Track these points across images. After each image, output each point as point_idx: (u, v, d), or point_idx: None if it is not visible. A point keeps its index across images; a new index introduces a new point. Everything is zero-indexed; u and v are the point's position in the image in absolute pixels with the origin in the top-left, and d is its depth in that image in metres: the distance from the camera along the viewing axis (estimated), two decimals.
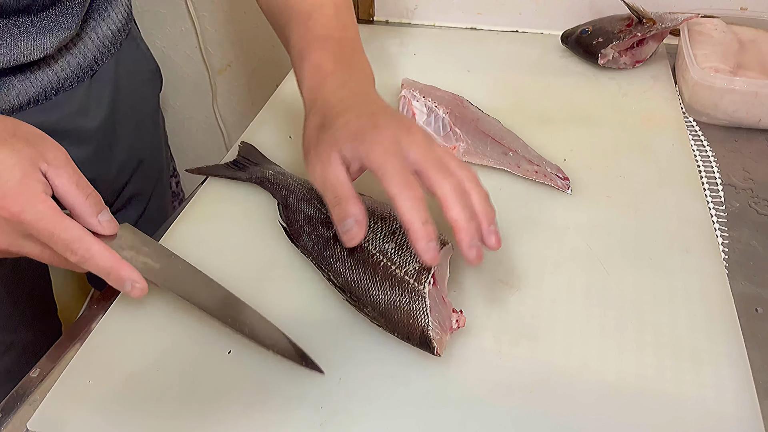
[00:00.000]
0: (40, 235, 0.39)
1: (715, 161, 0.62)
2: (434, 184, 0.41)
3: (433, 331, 0.41)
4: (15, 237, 0.40)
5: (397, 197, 0.40)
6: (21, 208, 0.38)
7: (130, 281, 0.42)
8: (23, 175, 0.39)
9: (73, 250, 0.39)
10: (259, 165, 0.61)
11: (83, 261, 0.40)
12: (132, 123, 0.71)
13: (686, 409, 0.39)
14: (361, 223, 0.42)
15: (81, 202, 0.41)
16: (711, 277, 0.48)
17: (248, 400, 0.41)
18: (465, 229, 0.40)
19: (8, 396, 0.44)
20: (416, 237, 0.39)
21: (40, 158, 0.40)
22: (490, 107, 0.69)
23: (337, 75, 0.49)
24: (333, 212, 0.43)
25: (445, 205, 0.40)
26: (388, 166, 0.41)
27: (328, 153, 0.43)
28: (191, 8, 1.13)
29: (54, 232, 0.39)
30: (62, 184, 0.41)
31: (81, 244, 0.40)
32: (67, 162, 0.41)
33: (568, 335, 0.44)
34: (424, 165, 0.41)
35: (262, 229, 0.54)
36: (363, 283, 0.44)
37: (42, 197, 0.39)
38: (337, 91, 0.48)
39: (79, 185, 0.41)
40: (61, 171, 0.41)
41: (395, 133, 0.42)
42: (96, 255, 0.40)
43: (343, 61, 0.50)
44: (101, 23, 0.61)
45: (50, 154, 0.41)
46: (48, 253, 0.41)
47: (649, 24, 0.75)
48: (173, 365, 0.44)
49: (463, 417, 0.40)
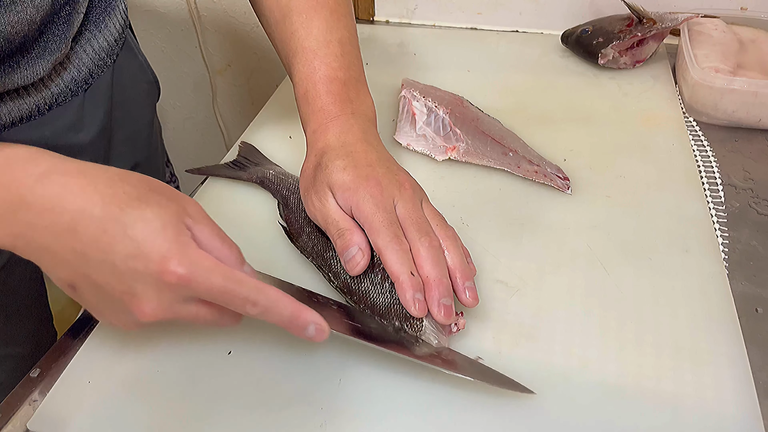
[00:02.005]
0: (213, 295, 0.36)
1: (715, 161, 0.62)
2: (412, 241, 0.43)
3: (432, 334, 0.41)
4: (172, 302, 0.36)
5: (384, 250, 0.42)
6: (189, 269, 0.34)
7: (313, 324, 0.38)
8: (177, 233, 0.35)
9: (255, 302, 0.36)
10: (259, 165, 0.61)
11: (264, 312, 0.37)
12: (127, 135, 0.68)
13: (686, 409, 0.39)
14: (365, 251, 0.44)
15: (227, 255, 0.38)
16: (711, 277, 0.48)
17: (248, 400, 0.41)
18: (435, 287, 0.41)
19: (8, 396, 0.44)
20: (403, 288, 0.41)
21: (184, 213, 0.37)
22: (490, 107, 0.69)
23: (341, 120, 0.50)
24: (337, 243, 0.45)
25: (418, 263, 0.42)
26: (377, 219, 0.43)
27: (326, 191, 0.46)
28: (191, 8, 1.13)
29: (231, 288, 0.35)
30: (206, 238, 0.37)
31: (261, 295, 0.36)
32: (205, 215, 0.39)
33: (568, 335, 0.44)
34: (407, 222, 0.44)
35: (262, 230, 0.54)
36: (362, 284, 0.44)
37: (204, 254, 0.36)
38: (340, 136, 0.49)
39: (222, 238, 0.39)
40: (203, 226, 0.38)
41: (387, 188, 0.45)
42: (278, 303, 0.37)
43: (347, 105, 0.51)
44: (97, 35, 0.58)
45: (190, 208, 0.38)
46: (206, 312, 0.38)
47: (649, 24, 0.75)
48: (173, 365, 0.44)
49: (463, 417, 0.40)
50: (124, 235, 0.34)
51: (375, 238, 0.43)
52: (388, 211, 0.44)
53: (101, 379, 0.43)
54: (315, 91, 0.51)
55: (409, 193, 0.46)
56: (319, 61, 0.51)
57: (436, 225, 0.45)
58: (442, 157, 0.62)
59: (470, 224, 0.54)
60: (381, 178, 0.45)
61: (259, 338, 0.45)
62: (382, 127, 0.67)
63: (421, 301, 0.41)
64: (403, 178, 0.47)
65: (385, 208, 0.44)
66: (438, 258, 0.43)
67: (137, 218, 0.34)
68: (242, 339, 0.45)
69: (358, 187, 0.45)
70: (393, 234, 0.42)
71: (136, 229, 0.34)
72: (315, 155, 0.49)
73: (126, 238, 0.34)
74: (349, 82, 0.52)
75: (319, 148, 0.49)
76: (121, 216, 0.34)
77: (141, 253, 0.34)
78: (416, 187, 0.48)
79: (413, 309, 0.41)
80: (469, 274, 0.43)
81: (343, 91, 0.51)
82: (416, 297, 0.41)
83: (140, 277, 0.34)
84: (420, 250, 0.42)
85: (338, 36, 0.53)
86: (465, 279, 0.43)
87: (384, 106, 0.71)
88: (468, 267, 0.44)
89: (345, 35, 0.54)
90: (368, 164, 0.46)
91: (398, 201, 0.45)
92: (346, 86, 0.52)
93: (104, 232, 0.34)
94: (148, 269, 0.34)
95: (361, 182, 0.45)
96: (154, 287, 0.35)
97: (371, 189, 0.44)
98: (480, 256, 0.50)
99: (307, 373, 0.42)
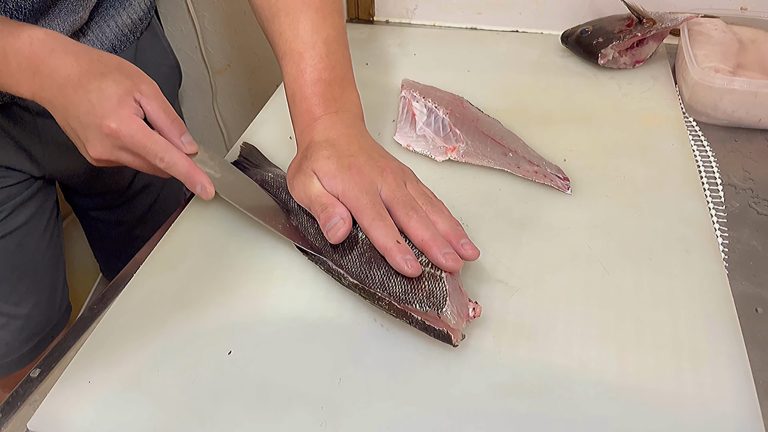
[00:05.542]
0: (134, 147, 0.48)
1: (715, 161, 0.62)
2: (401, 218, 0.46)
3: (452, 316, 0.41)
4: (113, 149, 0.49)
5: (370, 227, 0.45)
6: (118, 125, 0.47)
7: (200, 184, 0.50)
8: (120, 100, 0.47)
9: (161, 157, 0.48)
10: (259, 167, 0.61)
11: (168, 166, 0.49)
12: None
13: (686, 409, 0.39)
14: (346, 220, 0.46)
15: (168, 125, 0.50)
16: (711, 277, 0.48)
17: (248, 400, 0.41)
18: (432, 245, 0.44)
19: (8, 396, 0.44)
20: (392, 254, 0.43)
21: (135, 89, 0.49)
22: (490, 107, 0.69)
23: (325, 119, 0.53)
24: (320, 218, 0.47)
25: (411, 233, 0.45)
26: (361, 202, 0.46)
27: (311, 174, 0.49)
28: (191, 8, 1.13)
29: (146, 144, 0.48)
30: (153, 110, 0.49)
31: (167, 153, 0.49)
32: (157, 93, 0.50)
33: (568, 335, 0.44)
34: (392, 202, 0.47)
35: (262, 230, 0.54)
36: (380, 273, 0.44)
37: (134, 118, 0.48)
38: (324, 132, 0.52)
39: (166, 112, 0.50)
40: (152, 100, 0.49)
41: (369, 174, 0.48)
42: (178, 162, 0.49)
43: (332, 104, 0.53)
44: (121, 12, 0.65)
45: (144, 86, 0.49)
46: (139, 161, 0.50)
47: (649, 24, 0.75)
48: (173, 365, 0.44)
49: (463, 417, 0.40)
50: (86, 97, 0.47)
51: (361, 219, 0.46)
52: (371, 194, 0.47)
53: (101, 379, 0.43)
54: (301, 94, 0.54)
55: (392, 177, 0.48)
56: (305, 64, 0.54)
57: (422, 202, 0.47)
58: (442, 158, 0.62)
59: (470, 224, 0.54)
60: (363, 165, 0.48)
61: (259, 338, 0.45)
62: (382, 128, 0.67)
63: (411, 260, 0.43)
64: (384, 164, 0.49)
65: (368, 191, 0.47)
66: (427, 224, 0.45)
67: (96, 87, 0.47)
68: (242, 339, 0.45)
69: (342, 175, 0.48)
70: (376, 213, 0.45)
71: (93, 94, 0.47)
72: (301, 151, 0.53)
73: (86, 99, 0.47)
74: (334, 81, 0.54)
75: (305, 146, 0.52)
76: (88, 84, 0.47)
77: (93, 111, 0.47)
78: (398, 170, 0.50)
79: (406, 269, 0.43)
80: (462, 233, 0.46)
81: (328, 91, 0.54)
82: (406, 258, 0.43)
83: (91, 127, 0.48)
84: (409, 221, 0.45)
85: (324, 36, 0.55)
86: (459, 238, 0.45)
87: (384, 106, 0.71)
88: (459, 228, 0.47)
89: (331, 34, 0.55)
90: (350, 154, 0.49)
91: (381, 185, 0.48)
92: (331, 86, 0.54)
93: (76, 93, 0.47)
94: (95, 122, 0.47)
95: (344, 171, 0.48)
96: (98, 136, 0.48)
97: (354, 176, 0.47)
98: (480, 256, 0.50)
99: (307, 373, 0.43)
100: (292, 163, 0.54)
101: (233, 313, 0.47)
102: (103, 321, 0.47)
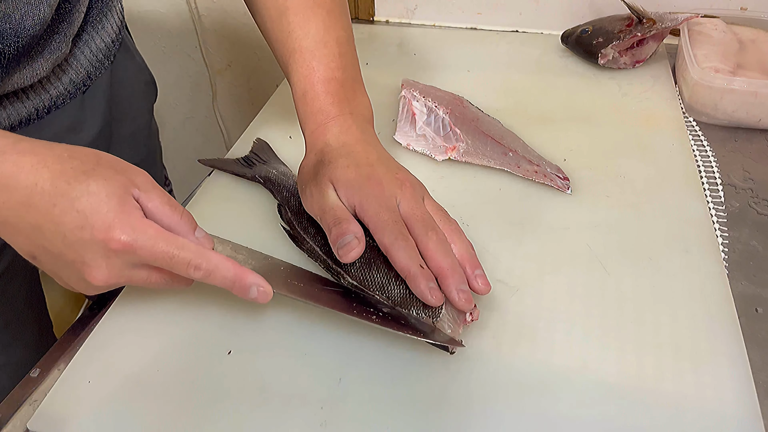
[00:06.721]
0: (157, 260, 0.38)
1: (715, 161, 0.62)
2: (419, 237, 0.43)
3: (448, 323, 0.41)
4: (122, 268, 0.38)
5: (391, 247, 0.43)
6: (132, 237, 0.36)
7: (255, 286, 0.40)
8: (121, 203, 0.37)
9: (197, 266, 0.38)
10: (267, 163, 0.61)
11: (207, 275, 0.39)
12: (127, 136, 0.69)
13: (686, 409, 0.39)
14: (361, 240, 0.43)
15: (177, 222, 0.40)
16: (711, 277, 0.48)
17: (248, 400, 0.41)
18: (450, 276, 0.42)
19: (8, 396, 0.44)
20: (416, 281, 0.42)
21: (131, 184, 0.39)
22: (490, 107, 0.69)
23: (340, 120, 0.50)
24: (332, 232, 0.44)
25: (429, 255, 0.43)
26: (381, 218, 0.43)
27: (327, 184, 0.46)
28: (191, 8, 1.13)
29: (173, 253, 0.38)
30: (155, 207, 0.39)
31: (203, 259, 0.39)
32: (154, 185, 0.40)
33: (568, 335, 0.44)
34: (411, 219, 0.44)
35: (262, 230, 0.54)
36: (379, 275, 0.44)
37: (148, 222, 0.38)
38: (339, 136, 0.49)
39: (171, 205, 0.40)
40: (152, 194, 0.39)
41: (388, 187, 0.45)
42: (220, 266, 0.39)
43: (345, 105, 0.51)
44: (95, 36, 0.58)
45: (138, 179, 0.40)
46: (157, 276, 0.40)
47: (649, 24, 0.75)
48: (173, 365, 0.44)
49: (463, 417, 0.40)
50: (71, 207, 0.36)
51: (381, 237, 0.43)
52: (391, 210, 0.44)
53: (101, 379, 0.43)
54: (313, 92, 0.51)
55: (410, 191, 0.46)
56: (317, 62, 0.52)
57: (439, 220, 0.46)
58: (442, 157, 0.62)
59: (470, 224, 0.54)
60: (382, 177, 0.46)
61: (259, 338, 0.45)
62: (382, 127, 0.67)
63: (435, 290, 0.41)
64: (403, 177, 0.47)
65: (389, 207, 0.44)
66: (447, 249, 0.43)
67: (83, 192, 0.36)
68: (242, 339, 0.45)
69: (361, 186, 0.45)
70: (398, 231, 0.43)
71: (81, 201, 0.36)
72: (315, 154, 0.50)
73: (73, 210, 0.36)
74: (347, 82, 0.52)
75: (319, 148, 0.50)
76: (69, 190, 0.36)
77: (87, 224, 0.36)
78: (416, 184, 0.48)
79: (429, 298, 0.41)
80: (477, 263, 0.44)
81: (341, 91, 0.51)
82: (430, 286, 0.41)
83: (89, 246, 0.36)
84: (428, 244, 0.43)
85: (335, 36, 0.53)
86: (474, 267, 0.44)
87: (384, 106, 0.71)
88: (473, 253, 0.45)
89: (342, 35, 0.54)
90: (369, 164, 0.47)
91: (400, 199, 0.45)
92: (344, 86, 0.52)
93: (54, 205, 0.36)
94: (94, 239, 0.36)
95: (363, 181, 0.45)
96: (103, 255, 0.37)
97: (373, 188, 0.45)
98: (480, 256, 0.50)
99: (307, 373, 0.42)
100: (303, 166, 0.51)
101: (233, 313, 0.47)
102: (103, 321, 0.47)
